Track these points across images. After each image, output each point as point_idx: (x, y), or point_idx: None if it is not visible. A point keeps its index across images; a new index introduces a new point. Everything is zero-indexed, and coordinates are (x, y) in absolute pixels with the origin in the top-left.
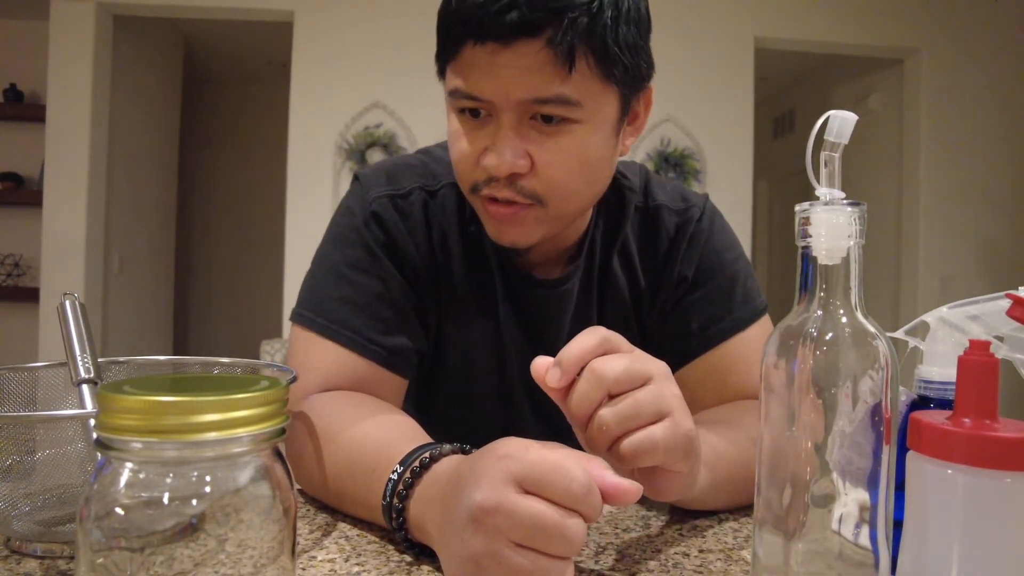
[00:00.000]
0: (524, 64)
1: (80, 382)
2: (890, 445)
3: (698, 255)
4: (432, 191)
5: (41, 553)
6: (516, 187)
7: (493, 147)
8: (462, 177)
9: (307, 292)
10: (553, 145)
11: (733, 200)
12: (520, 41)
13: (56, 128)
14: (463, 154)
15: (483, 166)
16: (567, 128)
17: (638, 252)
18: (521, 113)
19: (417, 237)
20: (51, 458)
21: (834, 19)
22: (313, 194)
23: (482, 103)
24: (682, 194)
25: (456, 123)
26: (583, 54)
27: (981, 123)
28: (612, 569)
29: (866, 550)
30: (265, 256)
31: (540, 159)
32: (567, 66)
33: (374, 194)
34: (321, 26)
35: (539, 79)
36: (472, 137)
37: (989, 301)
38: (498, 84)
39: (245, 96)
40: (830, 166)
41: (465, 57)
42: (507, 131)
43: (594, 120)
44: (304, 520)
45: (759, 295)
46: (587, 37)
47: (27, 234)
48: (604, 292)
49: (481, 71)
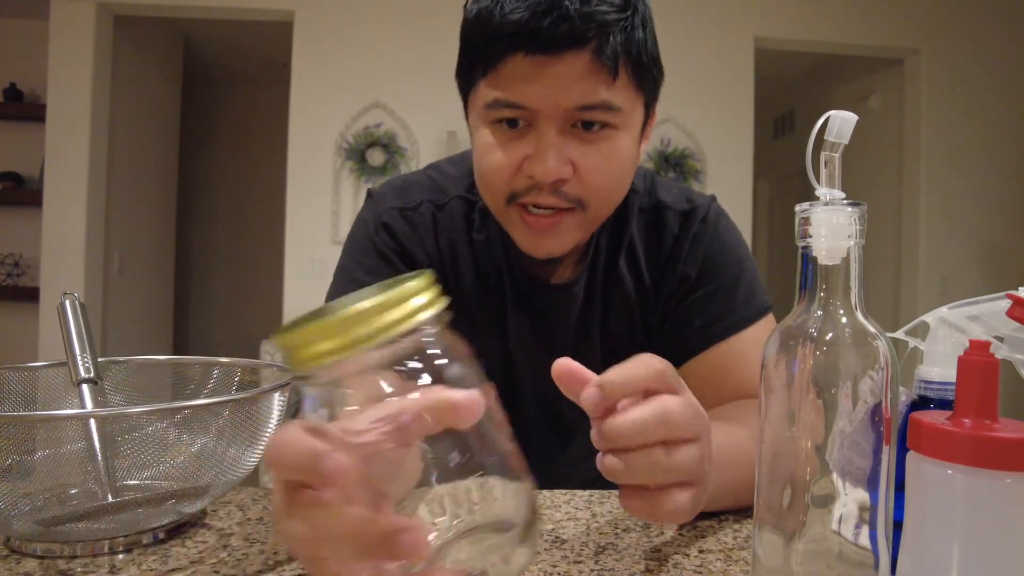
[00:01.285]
0: (571, 73)
1: (80, 382)
2: (890, 445)
3: (702, 254)
4: (440, 204)
5: (41, 553)
6: (559, 193)
7: (538, 155)
8: (496, 188)
9: (327, 300)
10: (594, 151)
11: (733, 200)
12: (568, 52)
13: (56, 128)
14: (499, 164)
15: (525, 174)
16: (606, 134)
17: (643, 252)
18: (564, 121)
19: (426, 246)
20: (51, 458)
21: (834, 19)
22: (313, 194)
23: (525, 112)
24: (687, 196)
25: (488, 136)
26: (623, 63)
27: (981, 123)
28: (612, 569)
29: (866, 550)
30: (265, 255)
31: (583, 165)
32: (612, 74)
33: (385, 206)
34: (321, 26)
35: (586, 87)
36: (510, 147)
37: (989, 301)
38: (546, 93)
39: (245, 96)
40: (830, 166)
41: (508, 69)
42: (552, 138)
43: (627, 126)
44: None
45: (763, 295)
46: (626, 47)
47: (27, 234)
48: (609, 293)
49: (527, 81)
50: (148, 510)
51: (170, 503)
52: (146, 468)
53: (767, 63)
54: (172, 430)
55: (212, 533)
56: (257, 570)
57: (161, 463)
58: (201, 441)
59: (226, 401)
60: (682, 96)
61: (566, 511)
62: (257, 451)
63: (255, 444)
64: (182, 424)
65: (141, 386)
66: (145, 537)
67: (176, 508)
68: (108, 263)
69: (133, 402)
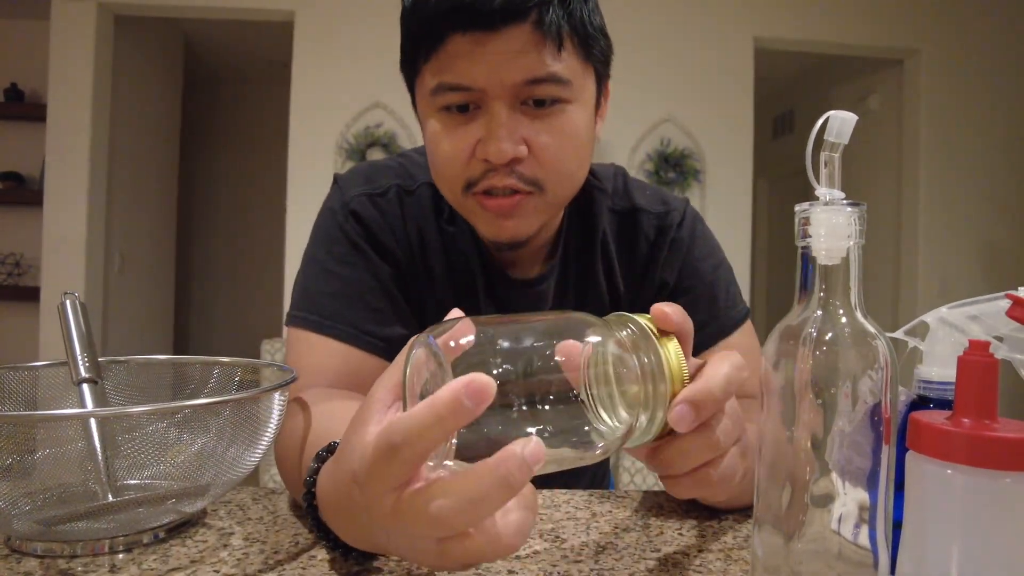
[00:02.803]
0: (513, 48)
1: (80, 381)
2: (889, 445)
3: (679, 262)
4: (409, 189)
5: (41, 552)
6: (515, 174)
7: (490, 136)
8: (451, 178)
9: (298, 293)
10: (547, 128)
11: (733, 200)
12: (508, 26)
13: (57, 127)
14: (451, 152)
15: (479, 158)
16: (558, 109)
17: (617, 256)
18: (512, 99)
19: (396, 233)
20: (51, 457)
21: (834, 19)
22: (313, 194)
23: (472, 93)
24: (662, 197)
25: (437, 124)
26: (567, 34)
27: (981, 123)
28: (612, 569)
29: (865, 550)
30: (265, 255)
31: (537, 143)
32: (556, 45)
33: (352, 193)
34: (321, 26)
35: (531, 60)
36: (460, 134)
37: (989, 301)
38: (490, 70)
39: (245, 96)
40: (830, 166)
41: (449, 50)
42: (502, 118)
43: (580, 99)
44: (304, 520)
45: (741, 301)
46: (568, 18)
47: (28, 233)
48: (583, 295)
49: (469, 60)
50: (148, 510)
51: (170, 503)
52: (146, 468)
53: (767, 63)
54: (172, 430)
55: (212, 533)
56: (257, 570)
57: (161, 463)
58: (201, 441)
59: (226, 401)
60: (682, 96)
61: (566, 511)
62: (258, 451)
63: (255, 444)
64: (182, 424)
65: (141, 386)
66: (145, 536)
67: (176, 508)
68: (108, 263)
69: (133, 402)
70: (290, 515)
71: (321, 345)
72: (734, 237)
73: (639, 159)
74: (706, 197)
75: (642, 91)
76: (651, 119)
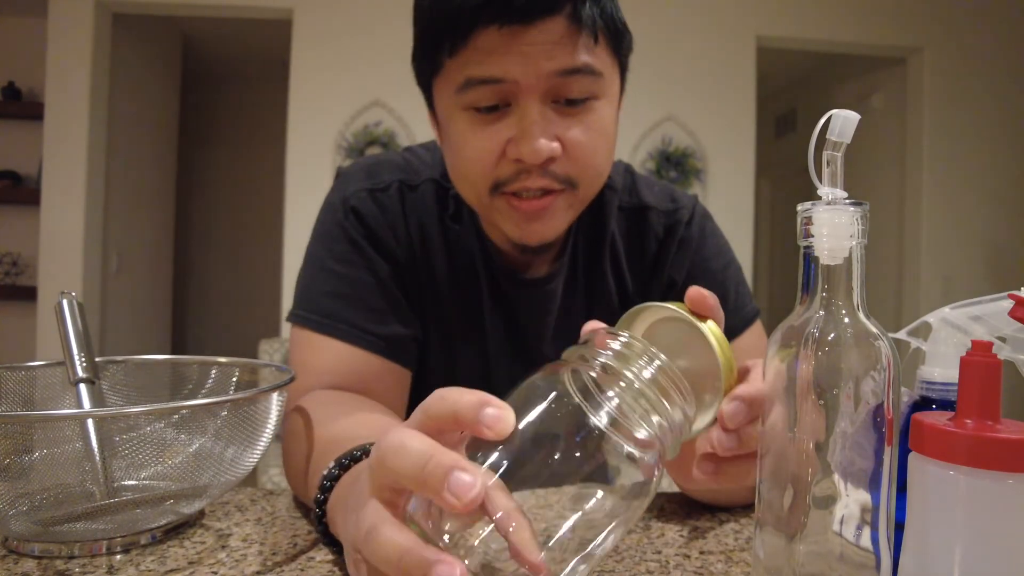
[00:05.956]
0: (549, 39)
1: (77, 381)
2: (892, 446)
3: (688, 260)
4: (412, 185)
5: (39, 553)
6: (549, 173)
7: (523, 135)
8: (478, 178)
9: (299, 291)
10: (580, 124)
11: (735, 199)
12: (543, 19)
13: (54, 126)
14: (480, 152)
15: (510, 158)
16: (590, 106)
17: (625, 254)
18: (545, 94)
19: (397, 230)
20: (48, 458)
21: (836, 18)
22: (312, 193)
23: (503, 87)
24: (671, 194)
25: (464, 123)
26: (601, 28)
27: (984, 122)
28: (612, 570)
29: (868, 552)
30: (264, 255)
31: (570, 140)
32: (592, 37)
33: (353, 188)
34: (320, 24)
35: (567, 50)
36: (489, 133)
37: (992, 302)
38: (526, 60)
39: (244, 94)
40: (832, 165)
41: (478, 44)
42: (535, 115)
43: (608, 94)
44: (304, 520)
45: (751, 301)
46: (600, 12)
47: (25, 232)
48: (591, 294)
49: (501, 53)
50: (146, 510)
51: (168, 503)
52: (144, 468)
53: (769, 62)
54: (170, 430)
55: (210, 534)
56: (255, 571)
57: (159, 463)
58: (199, 441)
59: (224, 401)
60: (684, 95)
61: None
62: (256, 451)
63: (253, 444)
64: (180, 424)
65: (139, 386)
66: (143, 537)
67: (174, 508)
68: (106, 262)
69: (131, 402)
70: (288, 516)
71: (322, 344)
72: (736, 237)
73: (640, 158)
74: (707, 196)
75: (643, 89)
76: (652, 118)
